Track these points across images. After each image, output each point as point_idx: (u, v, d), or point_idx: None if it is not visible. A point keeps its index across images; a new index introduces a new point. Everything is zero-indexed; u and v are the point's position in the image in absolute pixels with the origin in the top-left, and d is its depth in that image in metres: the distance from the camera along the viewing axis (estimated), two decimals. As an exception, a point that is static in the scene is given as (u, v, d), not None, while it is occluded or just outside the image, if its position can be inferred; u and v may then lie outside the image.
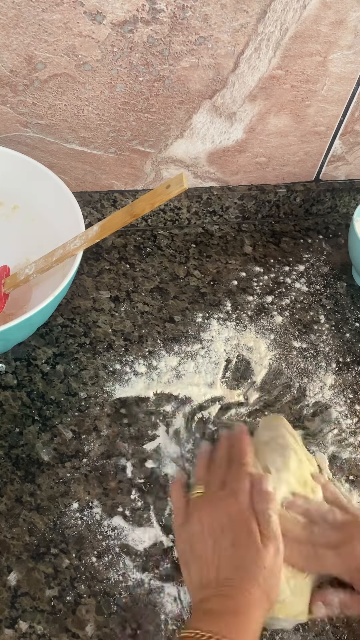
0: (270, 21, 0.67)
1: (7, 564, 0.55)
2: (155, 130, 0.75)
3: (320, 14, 0.68)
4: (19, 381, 0.67)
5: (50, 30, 0.62)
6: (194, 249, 0.86)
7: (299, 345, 0.77)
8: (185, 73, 0.70)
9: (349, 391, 0.73)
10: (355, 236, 0.78)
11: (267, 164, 0.86)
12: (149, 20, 0.63)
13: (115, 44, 0.64)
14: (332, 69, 0.74)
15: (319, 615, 0.52)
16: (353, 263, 0.84)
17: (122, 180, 0.82)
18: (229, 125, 0.78)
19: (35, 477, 0.60)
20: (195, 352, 0.73)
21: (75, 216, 0.63)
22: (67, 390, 0.67)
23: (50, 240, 0.65)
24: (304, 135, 0.83)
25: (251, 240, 0.89)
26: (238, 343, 0.75)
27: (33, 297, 0.71)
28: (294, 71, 0.73)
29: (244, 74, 0.72)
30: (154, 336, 0.74)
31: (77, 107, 0.70)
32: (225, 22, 0.65)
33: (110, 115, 0.72)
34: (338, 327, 0.80)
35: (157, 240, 0.86)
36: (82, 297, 0.76)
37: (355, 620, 0.56)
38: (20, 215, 0.71)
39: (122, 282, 0.79)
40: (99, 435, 0.64)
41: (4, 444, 0.62)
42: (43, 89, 0.67)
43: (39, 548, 0.56)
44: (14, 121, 0.70)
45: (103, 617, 0.53)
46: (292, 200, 0.92)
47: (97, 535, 0.57)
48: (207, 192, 0.86)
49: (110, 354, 0.71)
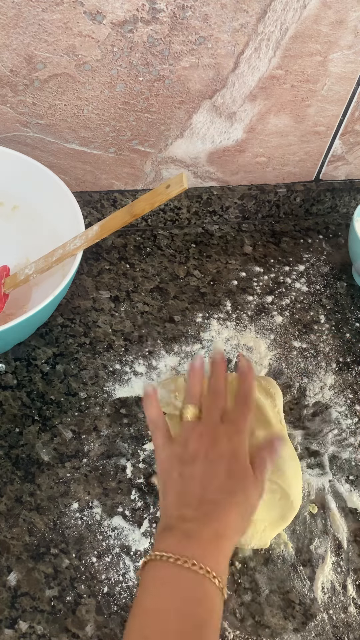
0: (270, 21, 0.67)
1: (7, 564, 0.55)
2: (155, 130, 0.75)
3: (320, 14, 0.68)
4: (19, 381, 0.67)
5: (50, 30, 0.62)
6: (194, 249, 0.86)
7: (299, 345, 0.77)
8: (185, 73, 0.70)
9: (349, 391, 0.73)
10: (356, 236, 0.78)
11: (267, 163, 0.86)
12: (149, 20, 0.63)
13: (115, 44, 0.64)
14: (332, 68, 0.74)
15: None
16: (353, 263, 0.84)
17: (122, 180, 0.82)
18: (229, 125, 0.78)
19: (35, 477, 0.60)
20: (195, 352, 0.73)
21: (75, 216, 0.63)
22: (67, 390, 0.67)
23: (50, 240, 0.65)
24: (304, 135, 0.83)
25: (251, 240, 0.89)
26: (238, 343, 0.75)
27: (33, 297, 0.71)
28: (294, 71, 0.73)
29: (244, 73, 0.72)
30: (154, 336, 0.74)
31: (77, 107, 0.70)
32: (225, 22, 0.65)
33: (110, 115, 0.72)
34: (338, 327, 0.80)
35: (157, 240, 0.86)
36: (82, 297, 0.76)
37: (355, 620, 0.56)
38: (20, 215, 0.71)
39: (122, 282, 0.79)
40: (99, 435, 0.64)
41: (4, 444, 0.62)
42: (43, 89, 0.67)
43: (39, 548, 0.56)
44: (14, 121, 0.70)
45: (103, 617, 0.53)
46: (292, 200, 0.92)
47: (97, 536, 0.57)
48: (207, 192, 0.86)
49: (110, 354, 0.71)
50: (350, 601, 0.57)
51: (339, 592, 0.58)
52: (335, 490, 0.64)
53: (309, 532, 0.61)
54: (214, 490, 0.48)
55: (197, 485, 0.48)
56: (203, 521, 0.46)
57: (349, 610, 0.57)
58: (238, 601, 0.56)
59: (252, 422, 0.54)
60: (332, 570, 0.59)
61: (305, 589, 0.58)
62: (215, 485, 0.48)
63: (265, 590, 0.57)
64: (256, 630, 0.55)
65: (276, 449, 0.53)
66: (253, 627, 0.55)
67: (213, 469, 0.49)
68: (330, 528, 0.62)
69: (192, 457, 0.50)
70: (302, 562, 0.59)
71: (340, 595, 0.58)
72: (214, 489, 0.48)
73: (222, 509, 0.47)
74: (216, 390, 0.55)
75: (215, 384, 0.56)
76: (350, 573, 0.59)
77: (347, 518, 0.63)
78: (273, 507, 0.57)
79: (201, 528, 0.45)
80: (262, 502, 0.56)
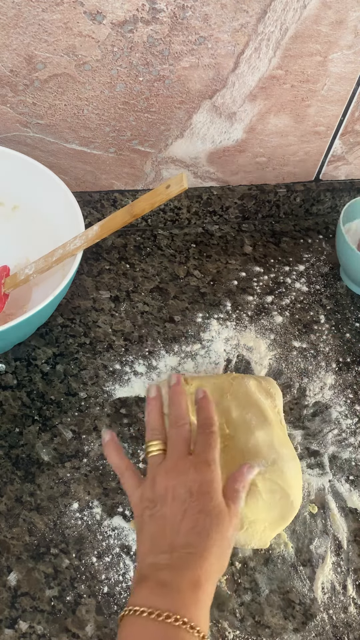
0: (270, 21, 0.67)
1: (7, 564, 0.55)
2: (155, 130, 0.75)
3: (320, 14, 0.68)
4: (19, 381, 0.67)
5: (50, 30, 0.62)
6: (194, 249, 0.86)
7: (299, 345, 0.77)
8: (185, 73, 0.70)
9: (349, 391, 0.73)
10: (343, 238, 0.78)
11: (267, 164, 0.86)
12: (149, 20, 0.63)
13: (115, 44, 0.64)
14: (332, 68, 0.74)
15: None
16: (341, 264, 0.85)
17: (122, 180, 0.82)
18: (229, 125, 0.78)
19: (35, 477, 0.60)
20: (195, 352, 0.73)
21: (75, 216, 0.63)
22: (67, 390, 0.67)
23: (50, 240, 0.65)
24: (304, 135, 0.83)
25: (251, 240, 0.89)
26: (238, 343, 0.75)
27: (33, 297, 0.71)
28: (294, 71, 0.73)
29: (244, 73, 0.72)
30: (154, 336, 0.74)
31: (77, 107, 0.70)
32: (225, 22, 0.65)
33: (110, 115, 0.72)
34: (338, 327, 0.80)
35: (157, 240, 0.86)
36: (82, 297, 0.76)
37: (355, 620, 0.56)
38: (20, 215, 0.71)
39: (122, 282, 0.79)
40: (99, 435, 0.64)
41: (4, 444, 0.62)
42: (43, 89, 0.67)
43: (39, 548, 0.56)
44: (14, 121, 0.70)
45: (103, 617, 0.53)
46: (292, 200, 0.92)
47: (97, 535, 0.57)
48: (207, 192, 0.86)
49: (110, 354, 0.71)
50: (350, 601, 0.57)
51: (339, 592, 0.58)
52: (335, 490, 0.64)
53: (309, 532, 0.61)
54: (186, 533, 0.46)
55: (168, 528, 0.46)
56: (178, 569, 0.44)
57: (349, 610, 0.57)
58: (238, 601, 0.56)
59: (219, 451, 0.51)
60: (332, 570, 0.59)
61: (305, 589, 0.58)
62: (187, 526, 0.46)
63: (265, 590, 0.57)
64: (256, 630, 0.55)
65: (247, 477, 0.51)
66: (253, 627, 0.55)
67: (183, 508, 0.47)
68: (330, 528, 0.62)
69: (161, 497, 0.48)
70: (302, 562, 0.59)
71: (340, 595, 0.58)
72: (186, 531, 0.46)
73: (197, 554, 0.44)
74: (178, 420, 0.53)
75: (176, 413, 0.54)
76: (350, 573, 0.59)
77: (347, 518, 0.63)
78: (273, 507, 0.57)
79: (176, 577, 0.43)
80: (262, 502, 0.56)
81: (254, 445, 0.60)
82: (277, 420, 0.63)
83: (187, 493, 0.48)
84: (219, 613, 0.55)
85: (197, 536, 0.45)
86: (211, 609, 0.54)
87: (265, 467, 0.58)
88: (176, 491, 0.48)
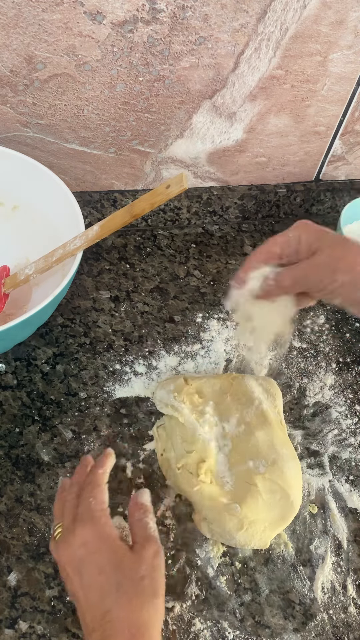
0: (270, 21, 0.67)
1: (7, 564, 0.55)
2: (155, 130, 0.75)
3: (320, 14, 0.68)
4: (19, 381, 0.67)
5: (50, 30, 0.62)
6: (194, 249, 0.86)
7: (299, 345, 0.77)
8: (185, 73, 0.70)
9: (349, 391, 0.73)
10: None
11: (267, 164, 0.86)
12: (149, 20, 0.63)
13: (115, 44, 0.64)
14: (332, 69, 0.74)
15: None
16: None
17: (122, 180, 0.82)
18: (229, 125, 0.78)
19: (35, 477, 0.60)
20: (195, 352, 0.73)
21: (75, 216, 0.63)
22: (67, 390, 0.67)
23: (50, 240, 0.65)
24: (304, 135, 0.83)
25: (251, 240, 0.89)
26: (238, 343, 0.75)
27: (33, 297, 0.71)
28: (294, 71, 0.73)
29: (244, 73, 0.72)
30: (154, 336, 0.74)
31: (77, 107, 0.70)
32: (225, 22, 0.65)
33: (110, 115, 0.72)
34: (338, 327, 0.80)
35: (157, 240, 0.86)
36: (82, 297, 0.76)
37: (355, 620, 0.56)
38: (20, 215, 0.71)
39: (122, 282, 0.79)
40: (99, 435, 0.64)
41: (4, 444, 0.62)
42: (43, 89, 0.67)
43: (39, 548, 0.56)
44: (14, 121, 0.70)
45: (103, 617, 0.53)
46: (292, 200, 0.92)
47: (97, 535, 0.57)
48: (207, 192, 0.86)
49: (110, 354, 0.71)
50: (350, 601, 0.57)
51: (339, 592, 0.58)
52: (335, 491, 0.64)
53: (309, 532, 0.61)
54: (101, 599, 0.45)
55: (85, 604, 0.46)
56: (107, 637, 0.43)
57: (349, 610, 0.57)
58: (238, 601, 0.56)
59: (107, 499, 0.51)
60: (332, 570, 0.59)
61: (305, 589, 0.58)
62: (96, 592, 0.45)
63: (265, 590, 0.57)
64: (256, 630, 0.55)
65: (143, 504, 0.51)
66: (253, 627, 0.55)
67: (83, 579, 0.46)
68: (330, 528, 0.62)
69: (67, 578, 0.48)
70: (302, 562, 0.59)
71: (340, 595, 0.58)
72: (98, 596, 0.45)
73: (119, 619, 0.44)
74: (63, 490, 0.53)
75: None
76: (350, 573, 0.59)
77: (347, 518, 0.63)
78: (273, 507, 0.57)
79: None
80: (262, 502, 0.56)
81: (254, 445, 0.60)
82: (277, 420, 0.63)
83: (79, 563, 0.47)
84: (219, 613, 0.55)
85: (109, 598, 0.45)
86: (211, 609, 0.55)
87: (265, 467, 0.58)
88: (71, 566, 0.48)
